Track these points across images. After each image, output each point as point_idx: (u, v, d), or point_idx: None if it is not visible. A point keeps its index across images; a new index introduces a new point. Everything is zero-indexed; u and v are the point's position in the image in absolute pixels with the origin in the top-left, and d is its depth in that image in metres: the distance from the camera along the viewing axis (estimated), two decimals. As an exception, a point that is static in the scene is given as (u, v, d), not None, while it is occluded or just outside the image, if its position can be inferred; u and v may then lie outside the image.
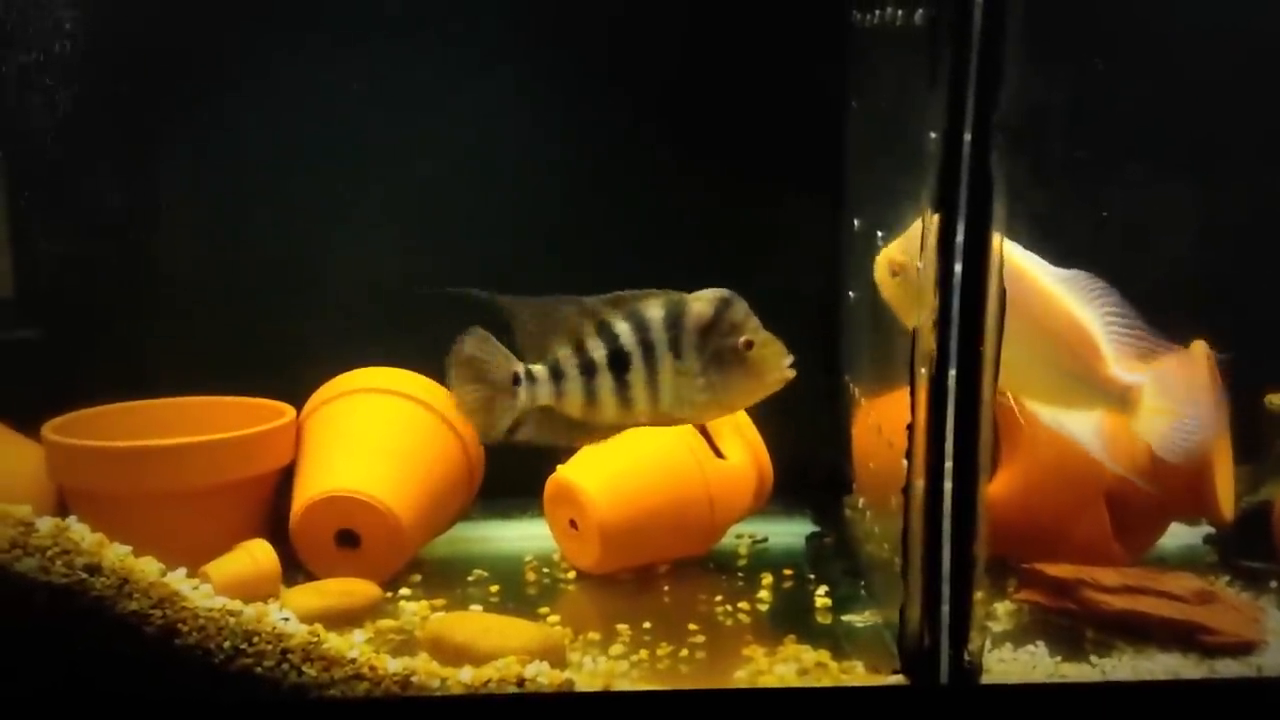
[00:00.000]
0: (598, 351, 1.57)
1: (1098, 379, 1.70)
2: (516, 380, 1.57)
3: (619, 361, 1.57)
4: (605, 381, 1.57)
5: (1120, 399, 1.70)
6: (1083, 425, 1.72)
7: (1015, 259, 1.65)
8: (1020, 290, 1.63)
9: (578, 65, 2.08)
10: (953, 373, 1.46)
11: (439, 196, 2.11)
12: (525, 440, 1.61)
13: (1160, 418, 1.69)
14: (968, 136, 1.43)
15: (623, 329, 1.57)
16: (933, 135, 1.46)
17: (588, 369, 1.57)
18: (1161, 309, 1.71)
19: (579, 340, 1.58)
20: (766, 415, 2.01)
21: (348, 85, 2.06)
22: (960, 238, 1.45)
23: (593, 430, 1.62)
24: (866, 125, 1.96)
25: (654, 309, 1.58)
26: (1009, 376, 1.54)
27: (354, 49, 2.05)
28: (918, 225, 1.54)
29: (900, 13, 1.67)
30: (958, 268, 1.46)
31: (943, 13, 1.44)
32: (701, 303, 1.58)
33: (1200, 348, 1.87)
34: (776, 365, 1.60)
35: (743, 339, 1.58)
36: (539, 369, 1.58)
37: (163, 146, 2.08)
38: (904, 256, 1.64)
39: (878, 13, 1.80)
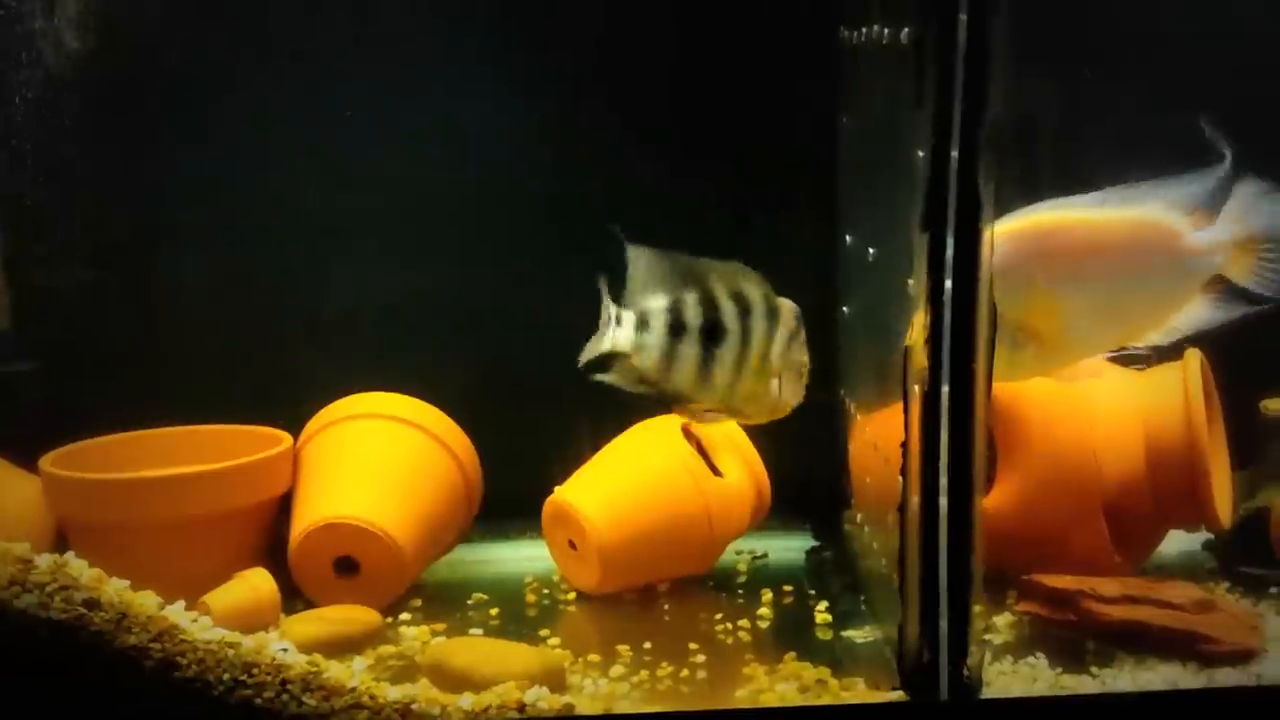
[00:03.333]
0: (693, 315, 1.50)
1: (1186, 252, 1.68)
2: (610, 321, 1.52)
3: (713, 333, 1.50)
4: (691, 348, 1.50)
5: (1212, 257, 1.68)
6: (1194, 316, 1.72)
7: (1049, 220, 1.66)
8: (1074, 242, 1.65)
9: (568, 84, 2.08)
10: (945, 389, 1.46)
11: (434, 221, 2.11)
12: (608, 382, 1.57)
13: (1250, 255, 1.69)
14: (954, 154, 1.44)
15: (726, 304, 1.51)
16: (920, 153, 1.47)
17: (676, 329, 1.50)
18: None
19: (676, 298, 1.51)
20: (763, 431, 2.03)
21: (343, 115, 2.07)
22: (950, 254, 1.46)
23: (662, 393, 1.54)
24: (857, 142, 1.97)
25: (755, 293, 1.52)
26: (1124, 328, 1.56)
27: (353, 76, 2.06)
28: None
29: (887, 31, 1.68)
30: (948, 284, 1.46)
31: (928, 31, 1.45)
32: (790, 310, 1.55)
33: (1194, 355, 1.88)
34: (798, 392, 1.60)
35: (805, 358, 1.55)
36: (627, 314, 1.51)
37: (159, 177, 2.08)
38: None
39: (865, 31, 1.80)
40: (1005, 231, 1.60)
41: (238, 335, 2.12)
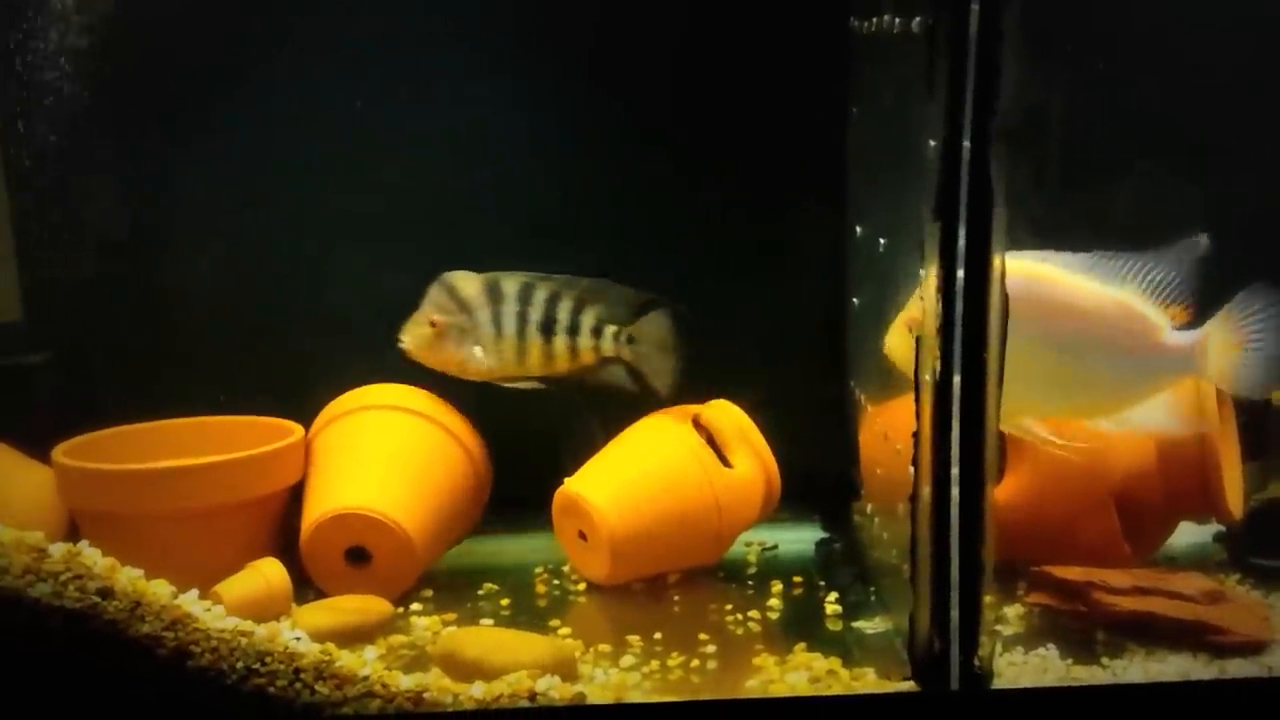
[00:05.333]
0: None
1: (1158, 351, 1.66)
2: None
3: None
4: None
5: (1187, 361, 1.67)
6: (1154, 413, 1.70)
7: (1028, 271, 1.63)
8: (1046, 299, 1.62)
9: (577, 76, 2.08)
10: (957, 379, 1.46)
11: (445, 213, 2.11)
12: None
13: (1231, 357, 1.66)
14: (966, 144, 1.43)
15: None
16: (932, 143, 1.46)
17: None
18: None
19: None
20: (773, 423, 2.04)
21: (353, 104, 2.07)
22: (961, 244, 1.46)
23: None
24: (867, 132, 1.96)
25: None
26: (1071, 403, 1.52)
27: (361, 70, 2.06)
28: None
29: (898, 20, 1.67)
30: (960, 274, 1.46)
31: (939, 20, 1.45)
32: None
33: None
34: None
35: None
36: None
37: (170, 167, 2.09)
38: (919, 312, 1.59)
39: (876, 20, 1.80)
40: None
41: (249, 327, 2.13)
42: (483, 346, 1.95)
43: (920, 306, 1.57)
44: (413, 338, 1.97)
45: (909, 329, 1.64)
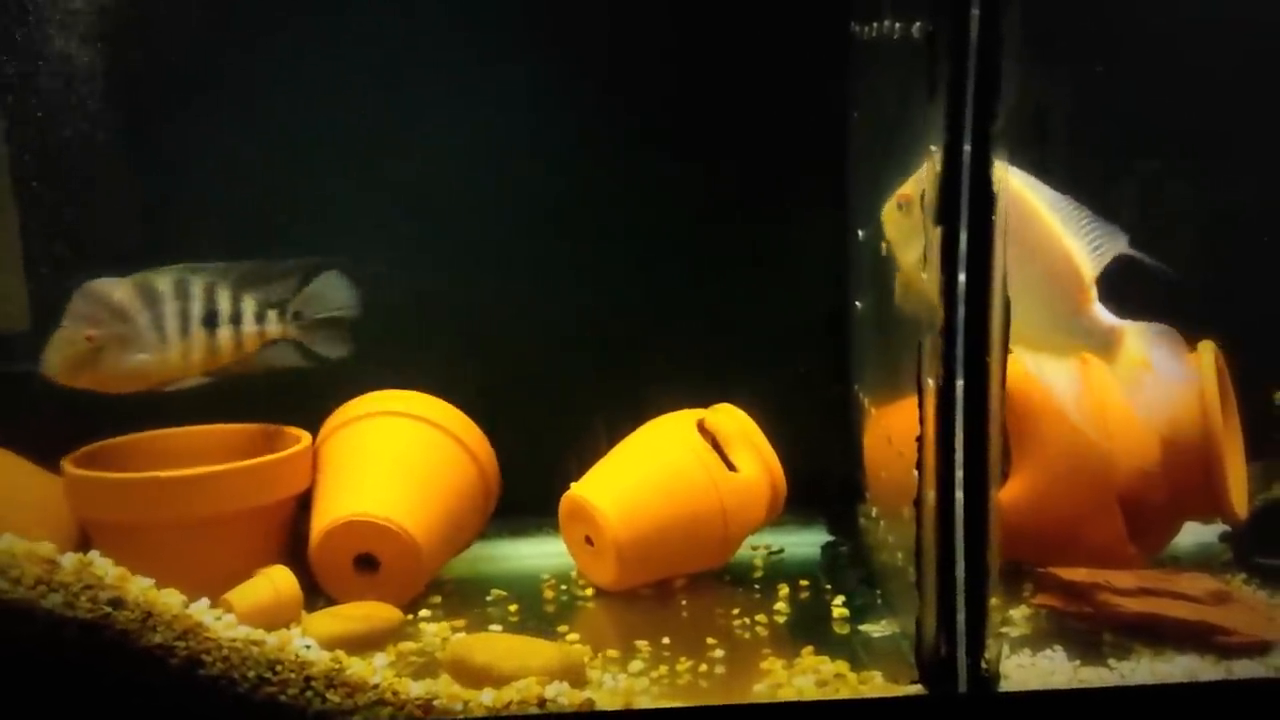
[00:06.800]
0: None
1: (1082, 316, 1.68)
2: None
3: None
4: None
5: (1102, 340, 1.69)
6: (1060, 374, 1.71)
7: (1015, 183, 1.62)
8: (1018, 217, 1.61)
9: (577, 80, 2.09)
10: (960, 384, 1.47)
11: (450, 220, 2.12)
12: None
13: (1139, 368, 1.68)
14: (967, 148, 1.44)
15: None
16: (933, 147, 1.47)
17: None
18: (1169, 305, 1.73)
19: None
20: (778, 426, 2.04)
21: (362, 110, 2.08)
22: (963, 248, 1.47)
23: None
24: (868, 137, 1.97)
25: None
26: None
27: (372, 74, 2.07)
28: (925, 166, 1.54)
29: (898, 25, 1.68)
30: (962, 278, 1.47)
31: (940, 25, 1.46)
32: None
33: (1209, 347, 1.88)
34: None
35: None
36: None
37: (178, 174, 2.10)
38: (912, 190, 1.62)
39: (876, 25, 1.81)
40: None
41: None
42: (146, 353, 1.82)
43: (914, 184, 1.57)
44: (64, 358, 1.80)
45: (899, 205, 1.67)
